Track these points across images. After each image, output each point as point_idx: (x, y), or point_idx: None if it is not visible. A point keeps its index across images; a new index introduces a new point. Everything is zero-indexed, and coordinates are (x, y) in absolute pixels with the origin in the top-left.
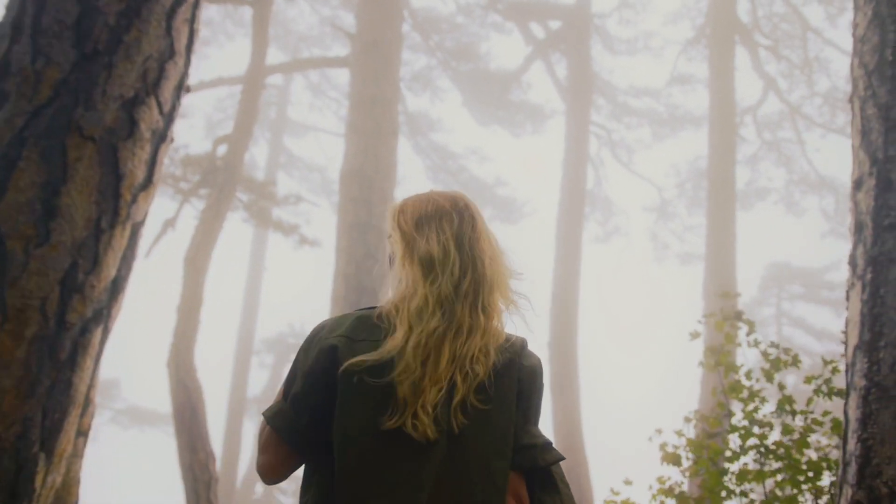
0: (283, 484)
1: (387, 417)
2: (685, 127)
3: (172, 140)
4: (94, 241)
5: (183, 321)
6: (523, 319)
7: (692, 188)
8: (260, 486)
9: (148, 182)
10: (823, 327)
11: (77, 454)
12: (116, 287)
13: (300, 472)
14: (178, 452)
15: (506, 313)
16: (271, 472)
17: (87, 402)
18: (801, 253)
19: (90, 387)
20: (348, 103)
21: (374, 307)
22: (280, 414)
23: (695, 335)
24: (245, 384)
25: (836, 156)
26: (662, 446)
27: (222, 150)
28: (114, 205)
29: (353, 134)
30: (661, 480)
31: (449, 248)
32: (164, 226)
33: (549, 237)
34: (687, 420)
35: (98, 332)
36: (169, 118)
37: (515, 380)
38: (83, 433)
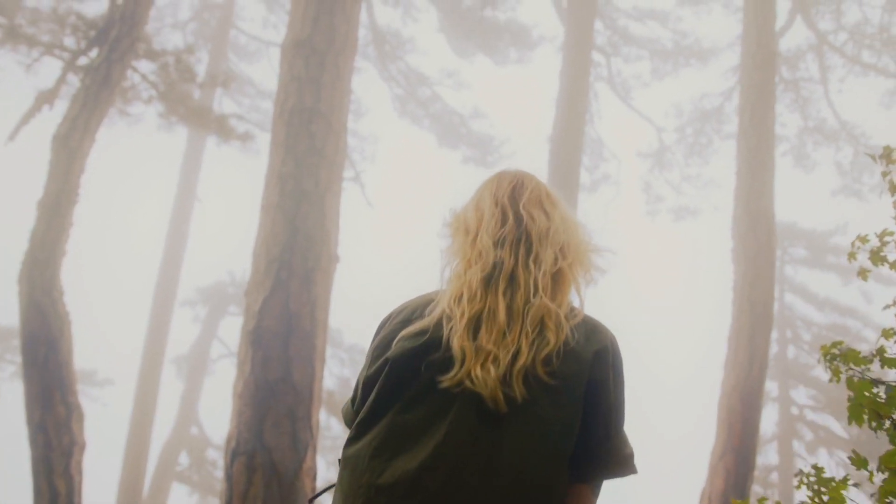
0: (214, 455)
1: (446, 376)
2: (690, 62)
3: None
4: None
5: (45, 221)
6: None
7: (693, 133)
8: (185, 458)
9: None
10: (827, 296)
11: None
12: None
13: None
14: (26, 405)
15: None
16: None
17: None
18: (807, 212)
19: None
20: None
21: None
22: (344, 408)
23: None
24: (165, 338)
25: (862, 100)
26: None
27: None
28: None
29: None
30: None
31: (484, 207)
32: (37, 100)
33: None
34: (827, 356)
35: None
36: None
37: (588, 363)
38: None
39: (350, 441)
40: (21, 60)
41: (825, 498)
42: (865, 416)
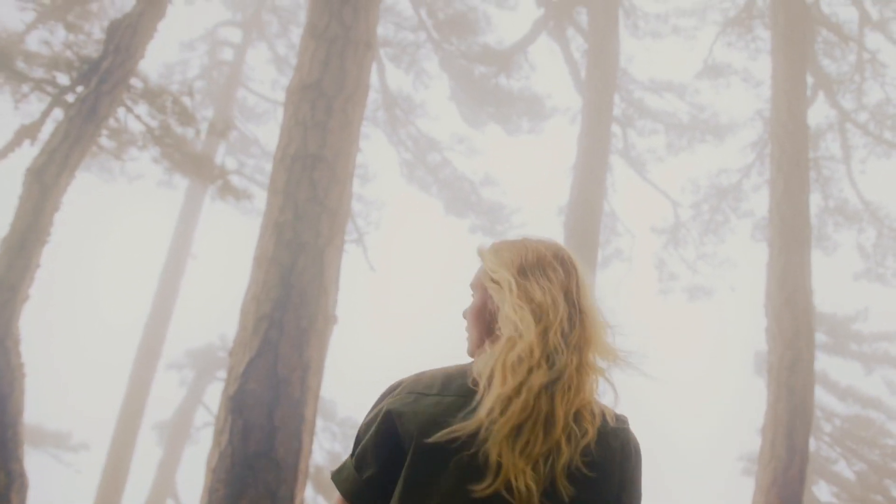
0: None
1: (479, 485)
2: (706, 138)
3: None
4: None
5: (6, 260)
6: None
7: (709, 210)
8: None
9: None
10: (849, 385)
11: None
12: None
13: None
14: None
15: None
16: None
17: None
18: (827, 296)
19: None
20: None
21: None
22: (343, 472)
23: None
24: (144, 402)
25: (885, 180)
26: None
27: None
28: None
29: (312, 39)
30: None
31: (557, 299)
32: (17, 134)
33: None
34: None
35: None
36: None
37: (618, 451)
38: None
39: None
40: (11, 100)
41: None
42: None
